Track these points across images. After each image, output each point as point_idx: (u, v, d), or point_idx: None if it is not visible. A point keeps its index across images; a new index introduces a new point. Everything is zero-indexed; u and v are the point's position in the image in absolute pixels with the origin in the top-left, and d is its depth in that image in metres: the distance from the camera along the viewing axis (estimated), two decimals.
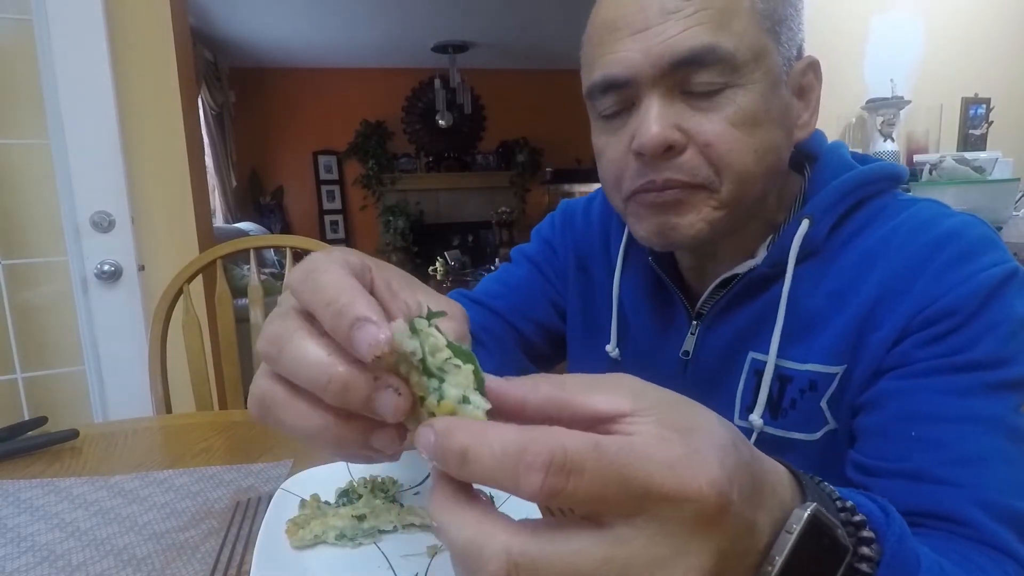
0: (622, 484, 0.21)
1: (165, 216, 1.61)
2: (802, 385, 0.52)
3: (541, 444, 0.21)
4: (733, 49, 0.47)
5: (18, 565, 0.53)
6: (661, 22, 0.47)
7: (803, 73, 0.53)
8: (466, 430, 0.22)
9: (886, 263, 0.50)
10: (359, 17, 4.40)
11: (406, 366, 0.25)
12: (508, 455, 0.21)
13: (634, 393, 0.24)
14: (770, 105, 0.49)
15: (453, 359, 0.25)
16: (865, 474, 0.47)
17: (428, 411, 0.25)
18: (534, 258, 0.77)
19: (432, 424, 0.23)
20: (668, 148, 0.48)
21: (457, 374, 0.25)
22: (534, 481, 0.20)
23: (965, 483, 0.42)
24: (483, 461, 0.21)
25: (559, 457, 0.20)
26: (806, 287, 0.53)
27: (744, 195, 0.51)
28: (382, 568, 0.49)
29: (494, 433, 0.22)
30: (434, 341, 0.25)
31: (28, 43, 1.37)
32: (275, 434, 0.84)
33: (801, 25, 0.53)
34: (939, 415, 0.44)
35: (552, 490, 0.20)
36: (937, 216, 0.51)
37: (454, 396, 0.25)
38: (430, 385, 0.25)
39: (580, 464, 0.21)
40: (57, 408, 1.53)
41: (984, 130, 2.33)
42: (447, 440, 0.22)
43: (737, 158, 0.49)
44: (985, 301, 0.46)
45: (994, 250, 0.48)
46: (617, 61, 0.49)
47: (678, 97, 0.49)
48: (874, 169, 0.54)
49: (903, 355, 0.47)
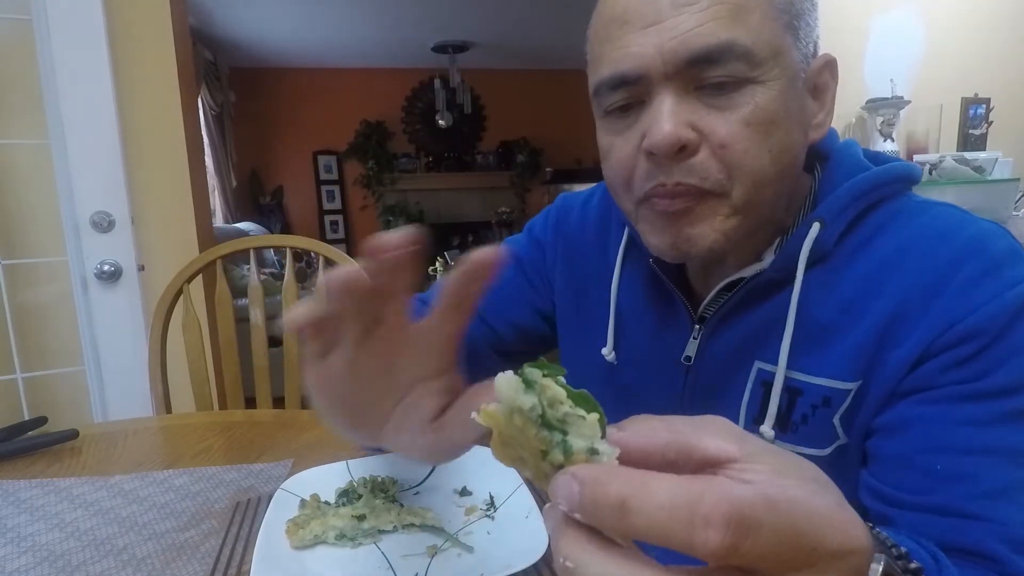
0: (795, 540, 0.21)
1: (165, 216, 1.61)
2: (815, 400, 0.50)
3: (717, 498, 0.20)
4: (751, 45, 0.45)
5: (18, 565, 0.53)
6: (674, 15, 0.45)
7: (819, 72, 0.51)
8: (624, 480, 0.21)
9: (904, 275, 0.47)
10: (359, 17, 4.40)
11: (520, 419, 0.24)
12: (679, 507, 0.20)
13: (738, 438, 0.24)
14: (789, 104, 0.47)
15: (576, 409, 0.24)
16: (887, 504, 0.46)
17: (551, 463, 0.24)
18: (520, 258, 0.75)
19: (574, 474, 0.22)
20: (681, 148, 0.46)
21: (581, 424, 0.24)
22: (713, 537, 0.20)
23: (991, 518, 0.42)
24: (650, 514, 0.20)
25: (736, 512, 0.20)
26: (816, 295, 0.51)
27: (757, 199, 0.48)
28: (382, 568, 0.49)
29: (657, 484, 0.21)
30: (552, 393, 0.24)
31: (28, 43, 1.37)
32: (275, 434, 0.84)
33: (817, 21, 0.51)
34: (963, 447, 0.43)
35: (732, 547, 0.20)
36: (957, 224, 0.48)
37: (582, 448, 0.23)
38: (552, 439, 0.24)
39: (758, 520, 0.20)
40: (57, 408, 1.53)
41: (984, 130, 2.33)
42: (601, 490, 0.21)
43: (752, 160, 0.46)
44: (1010, 323, 0.44)
45: (1018, 263, 0.46)
46: (628, 56, 0.47)
47: (692, 94, 0.46)
48: (888, 170, 0.51)
49: (924, 378, 0.45)
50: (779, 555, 0.21)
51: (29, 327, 1.51)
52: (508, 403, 0.24)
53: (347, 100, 5.68)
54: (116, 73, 1.45)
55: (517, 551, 0.49)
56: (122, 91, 1.48)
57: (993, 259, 0.46)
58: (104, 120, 1.43)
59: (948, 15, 2.37)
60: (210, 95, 4.49)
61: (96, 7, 1.39)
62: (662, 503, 0.20)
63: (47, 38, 1.37)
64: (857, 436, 0.50)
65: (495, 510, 0.58)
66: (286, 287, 1.25)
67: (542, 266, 0.74)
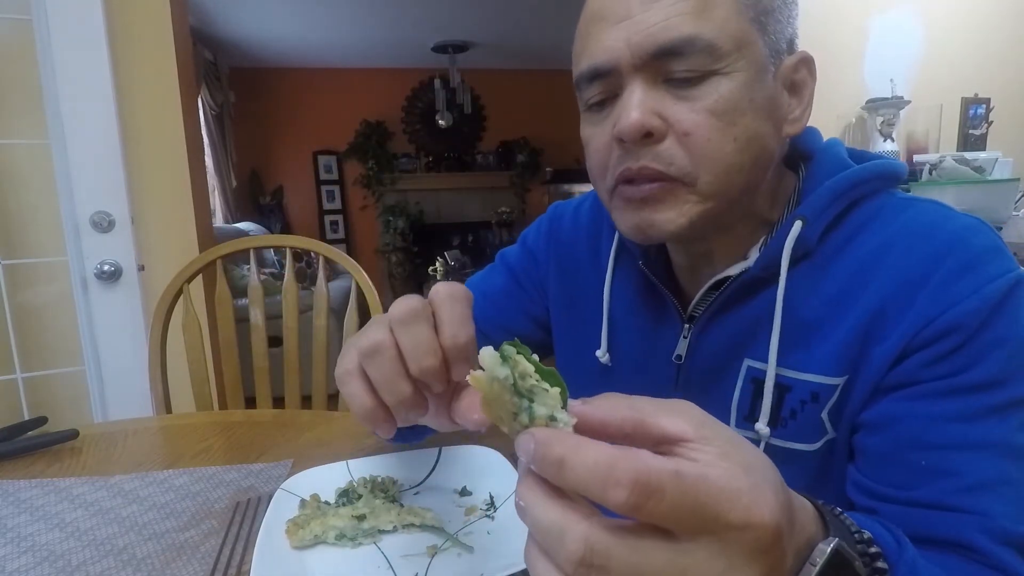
0: (696, 509, 0.24)
1: (165, 216, 1.61)
2: (803, 396, 0.52)
3: (629, 463, 0.24)
4: (714, 38, 0.46)
5: (18, 565, 0.53)
6: (643, 11, 0.47)
7: (795, 68, 0.52)
8: (564, 442, 0.25)
9: (887, 272, 0.49)
10: (359, 17, 4.39)
11: (499, 386, 0.29)
12: (599, 468, 0.24)
13: (697, 421, 0.27)
14: (754, 95, 0.49)
15: (541, 383, 0.29)
16: (871, 498, 0.47)
17: (521, 424, 0.29)
18: (514, 268, 0.77)
19: (533, 433, 0.27)
20: (648, 135, 0.48)
21: (545, 396, 0.29)
22: (620, 495, 0.23)
23: (974, 510, 0.43)
24: (577, 471, 0.25)
25: (643, 478, 0.23)
26: (801, 292, 0.52)
27: (724, 187, 0.49)
28: (382, 568, 0.49)
29: (588, 448, 0.25)
30: (523, 368, 0.29)
31: (28, 43, 1.37)
32: (275, 434, 0.84)
33: (792, 19, 0.52)
34: (946, 442, 0.44)
35: (634, 505, 0.23)
36: (939, 220, 0.49)
37: (543, 414, 0.29)
38: (520, 404, 0.29)
39: (661, 487, 0.23)
40: (57, 408, 1.53)
41: (984, 130, 2.33)
42: (547, 449, 0.25)
43: (716, 148, 0.48)
44: (989, 317, 0.45)
45: (998, 258, 0.47)
46: (601, 50, 0.49)
47: (661, 85, 0.49)
48: (869, 168, 0.52)
49: (906, 374, 0.47)
50: (680, 519, 0.24)
51: (29, 327, 1.51)
52: (489, 372, 0.29)
53: (347, 100, 5.68)
54: (116, 73, 1.45)
55: (517, 551, 0.48)
56: (122, 91, 1.48)
57: (973, 254, 0.46)
58: (104, 120, 1.43)
59: (948, 15, 2.37)
60: (210, 95, 4.49)
61: (96, 7, 1.39)
62: (587, 464, 0.24)
63: (47, 38, 1.37)
64: (844, 431, 0.51)
65: (495, 510, 0.58)
66: (286, 287, 1.25)
67: (535, 273, 0.76)
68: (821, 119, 2.31)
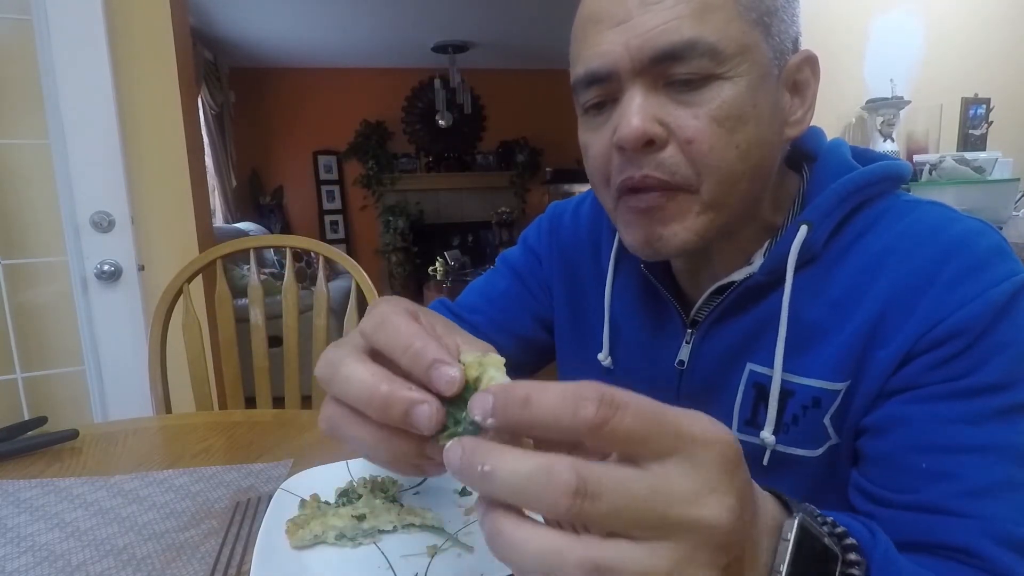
0: (658, 421, 0.24)
1: (165, 216, 1.61)
2: (805, 401, 0.51)
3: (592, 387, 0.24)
4: (716, 41, 0.45)
5: (18, 565, 0.53)
6: (641, 14, 0.46)
7: (798, 68, 0.51)
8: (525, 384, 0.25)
9: (890, 275, 0.48)
10: (359, 17, 4.39)
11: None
12: (567, 397, 0.24)
13: None
14: (757, 100, 0.47)
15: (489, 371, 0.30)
16: (873, 503, 0.46)
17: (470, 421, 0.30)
18: (518, 268, 0.75)
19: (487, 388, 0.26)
20: (649, 142, 0.47)
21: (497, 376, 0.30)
22: (589, 409, 0.24)
23: (976, 515, 0.42)
24: (544, 403, 0.24)
25: (608, 394, 0.24)
26: (805, 296, 0.51)
27: (728, 195, 0.48)
28: (382, 568, 0.49)
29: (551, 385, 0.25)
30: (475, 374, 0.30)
31: (28, 43, 1.37)
32: (275, 434, 0.84)
33: (796, 18, 0.51)
34: (949, 446, 0.44)
35: (603, 418, 0.24)
36: (943, 223, 0.48)
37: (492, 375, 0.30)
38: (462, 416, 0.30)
39: (625, 401, 0.24)
40: (57, 408, 1.53)
41: (984, 130, 2.33)
42: (511, 391, 0.25)
43: (718, 156, 0.47)
44: (993, 320, 0.44)
45: (1003, 261, 0.46)
46: (599, 55, 0.48)
47: (661, 89, 0.47)
48: (874, 170, 0.51)
49: (910, 378, 0.46)
50: (647, 437, 0.24)
51: (29, 327, 1.51)
52: None
53: (347, 100, 5.68)
54: (116, 73, 1.45)
55: None
56: (122, 91, 1.48)
57: (978, 257, 0.46)
58: (104, 120, 1.43)
59: (948, 15, 2.37)
60: (210, 95, 4.49)
61: (96, 7, 1.39)
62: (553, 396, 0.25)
63: (47, 38, 1.37)
64: (848, 436, 0.50)
65: None
66: (286, 287, 1.25)
67: (539, 273, 0.74)
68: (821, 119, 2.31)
